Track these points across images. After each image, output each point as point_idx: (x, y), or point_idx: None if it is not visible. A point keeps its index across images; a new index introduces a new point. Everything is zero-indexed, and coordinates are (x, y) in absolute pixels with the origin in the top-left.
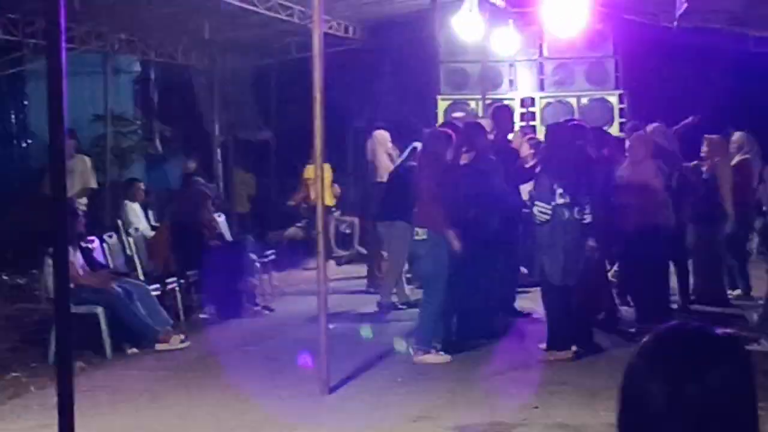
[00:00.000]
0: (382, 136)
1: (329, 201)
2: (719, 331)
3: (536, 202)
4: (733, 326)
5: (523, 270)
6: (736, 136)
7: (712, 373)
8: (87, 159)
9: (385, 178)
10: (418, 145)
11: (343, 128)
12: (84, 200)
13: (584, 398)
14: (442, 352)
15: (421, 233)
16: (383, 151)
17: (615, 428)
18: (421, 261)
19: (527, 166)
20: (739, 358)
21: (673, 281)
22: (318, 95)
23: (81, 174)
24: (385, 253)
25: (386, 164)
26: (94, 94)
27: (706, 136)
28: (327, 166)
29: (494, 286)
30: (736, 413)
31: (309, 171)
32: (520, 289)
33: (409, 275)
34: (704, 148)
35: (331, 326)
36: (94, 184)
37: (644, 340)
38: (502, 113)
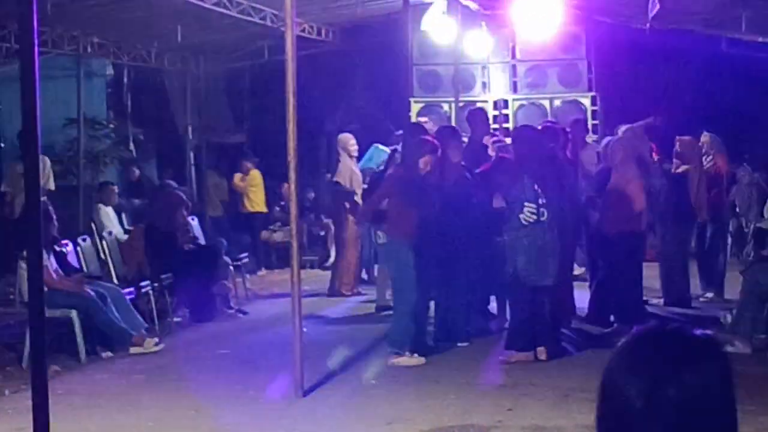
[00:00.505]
0: (345, 138)
1: (260, 207)
2: (697, 332)
3: (525, 203)
4: (706, 328)
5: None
6: (704, 137)
7: (691, 374)
8: (46, 159)
9: (343, 180)
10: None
11: (316, 131)
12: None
13: (557, 399)
14: (416, 355)
15: (381, 236)
16: (346, 154)
17: (594, 429)
18: (387, 265)
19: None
20: (717, 359)
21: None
22: (291, 98)
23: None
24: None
25: (349, 167)
26: (66, 97)
27: (678, 137)
28: (257, 173)
29: (471, 289)
30: (715, 413)
31: (237, 178)
32: None
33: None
34: (677, 149)
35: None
36: (51, 186)
37: (623, 340)
38: (476, 116)
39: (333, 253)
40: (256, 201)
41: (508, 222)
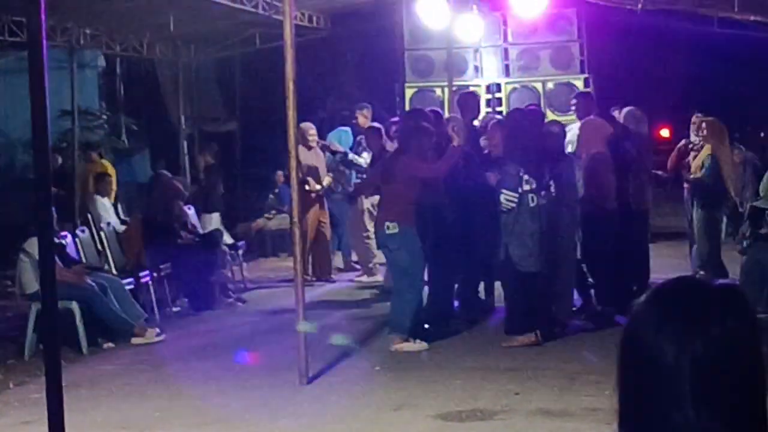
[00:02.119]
0: (303, 128)
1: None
2: (721, 282)
3: (502, 190)
4: None
5: None
6: (696, 118)
7: (718, 326)
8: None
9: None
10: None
11: (308, 118)
12: None
13: (563, 382)
14: (418, 340)
15: (391, 227)
16: (303, 144)
17: (599, 411)
18: (395, 254)
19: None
20: (744, 310)
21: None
22: (291, 85)
23: None
24: None
25: (303, 156)
26: (59, 89)
27: (700, 117)
28: (108, 164)
29: (471, 273)
30: (744, 366)
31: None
32: None
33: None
34: (702, 132)
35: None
36: None
37: (642, 298)
38: (467, 99)
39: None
40: None
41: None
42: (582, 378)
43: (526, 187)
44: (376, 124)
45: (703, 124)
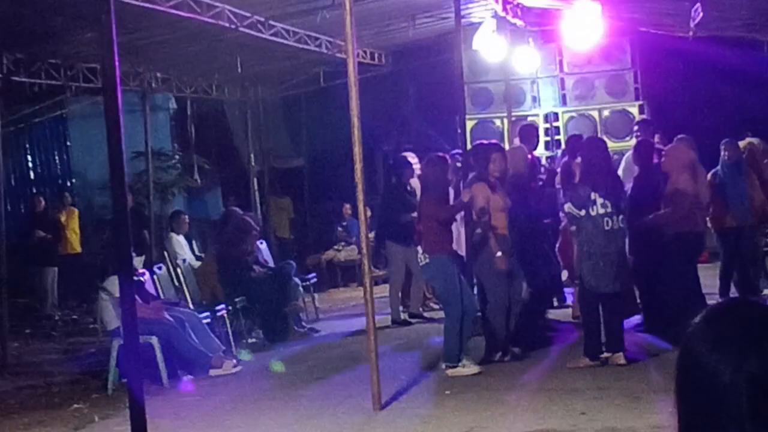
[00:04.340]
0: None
1: (74, 247)
2: None
3: (568, 203)
4: None
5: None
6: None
7: None
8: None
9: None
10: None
11: (371, 152)
12: None
13: (627, 402)
14: (470, 363)
15: (423, 258)
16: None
17: (665, 428)
18: (432, 283)
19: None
20: None
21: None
22: (355, 121)
23: None
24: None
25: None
26: (133, 131)
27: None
28: (74, 211)
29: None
30: None
31: (62, 216)
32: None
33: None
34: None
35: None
36: None
37: (699, 318)
38: (527, 131)
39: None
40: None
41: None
42: (646, 397)
43: (601, 211)
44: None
45: None
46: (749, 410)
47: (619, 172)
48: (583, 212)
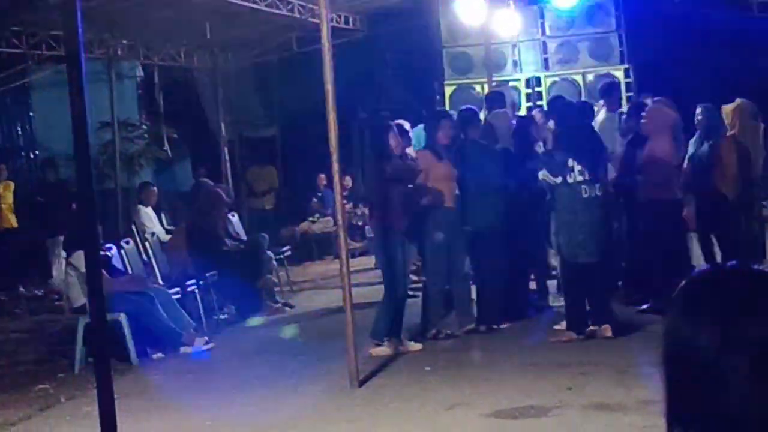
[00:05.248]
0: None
1: (10, 222)
2: (760, 267)
3: (543, 170)
4: None
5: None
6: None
7: (755, 313)
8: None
9: None
10: None
11: (347, 120)
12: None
13: (615, 376)
14: (411, 342)
15: (369, 231)
16: None
17: (653, 402)
18: (377, 258)
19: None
20: None
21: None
22: (329, 87)
23: None
24: None
25: None
26: (98, 101)
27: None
28: (9, 185)
29: (514, 269)
30: None
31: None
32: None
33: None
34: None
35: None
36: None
37: (681, 286)
38: (493, 98)
39: None
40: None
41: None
42: (634, 371)
43: (579, 178)
44: None
45: None
46: (731, 379)
47: None
48: (559, 179)
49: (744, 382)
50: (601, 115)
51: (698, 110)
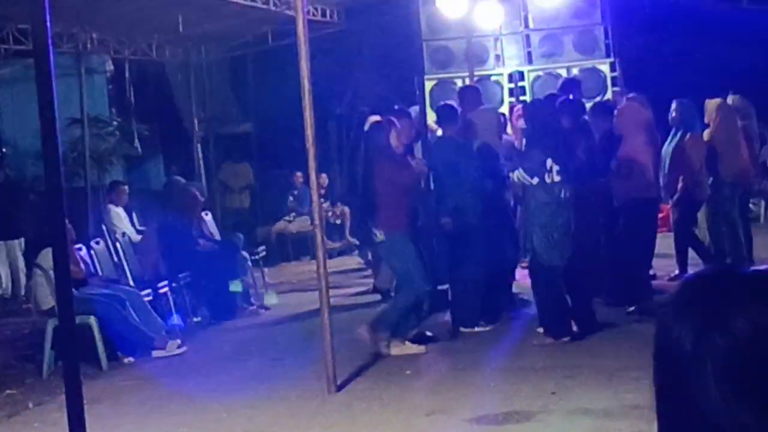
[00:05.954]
0: None
1: None
2: (752, 269)
3: (519, 169)
4: None
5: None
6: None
7: (741, 315)
8: None
9: None
10: None
11: (325, 115)
12: None
13: (601, 380)
14: (407, 342)
15: (379, 235)
16: None
17: (642, 408)
18: (388, 261)
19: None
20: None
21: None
22: (306, 83)
23: None
24: None
25: None
26: (67, 96)
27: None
28: None
29: (491, 270)
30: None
31: None
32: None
33: None
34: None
35: None
36: None
37: (675, 290)
38: (466, 93)
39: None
40: None
41: (525, 200)
42: (620, 375)
43: (557, 178)
44: None
45: None
46: (714, 381)
47: None
48: (536, 180)
49: (721, 387)
50: None
51: (673, 105)
